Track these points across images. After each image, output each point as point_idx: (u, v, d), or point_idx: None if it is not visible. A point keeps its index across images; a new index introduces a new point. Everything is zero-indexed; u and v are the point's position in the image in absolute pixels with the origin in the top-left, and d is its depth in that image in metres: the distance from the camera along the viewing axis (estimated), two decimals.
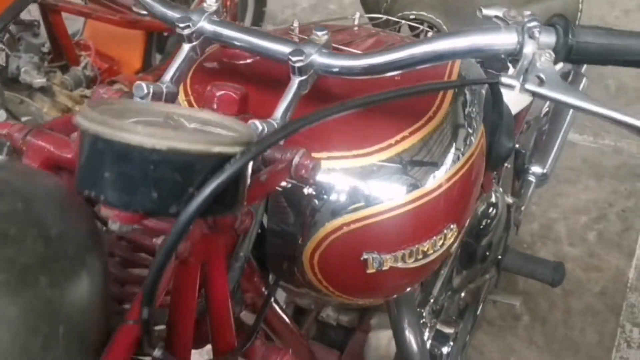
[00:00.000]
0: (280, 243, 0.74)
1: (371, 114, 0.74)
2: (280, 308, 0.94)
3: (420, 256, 0.76)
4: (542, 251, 2.02)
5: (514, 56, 0.64)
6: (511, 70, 0.64)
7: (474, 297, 1.52)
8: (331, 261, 0.73)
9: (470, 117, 0.84)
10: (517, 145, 1.83)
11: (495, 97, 0.93)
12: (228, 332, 0.63)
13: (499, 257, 1.55)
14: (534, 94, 0.63)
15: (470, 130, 0.83)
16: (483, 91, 0.95)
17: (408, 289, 0.89)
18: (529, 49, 0.63)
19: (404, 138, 0.73)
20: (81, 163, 0.48)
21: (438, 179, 0.75)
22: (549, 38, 0.64)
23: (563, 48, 0.64)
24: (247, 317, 0.80)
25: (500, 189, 1.60)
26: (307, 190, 0.70)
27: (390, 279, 0.77)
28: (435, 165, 0.76)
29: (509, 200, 1.64)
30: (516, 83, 0.62)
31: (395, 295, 0.93)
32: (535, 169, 1.86)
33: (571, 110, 2.01)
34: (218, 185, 0.46)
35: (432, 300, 1.34)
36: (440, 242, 0.77)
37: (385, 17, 1.17)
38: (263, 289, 0.80)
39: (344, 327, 1.28)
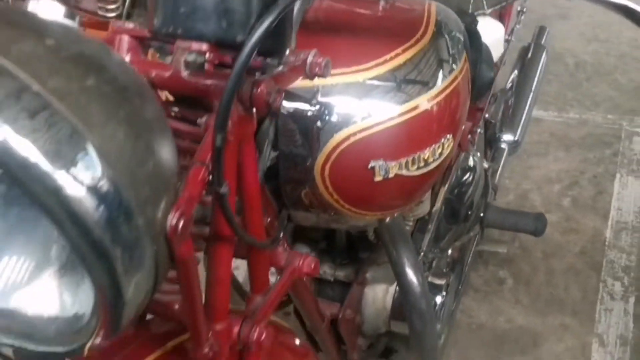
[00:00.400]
0: (292, 164, 0.79)
1: (365, 34, 0.78)
2: None
3: (422, 164, 0.80)
4: None
5: None
6: None
7: (461, 254, 1.55)
8: (341, 172, 0.77)
9: (454, 42, 0.88)
10: (486, 115, 1.89)
11: (473, 36, 0.97)
12: (257, 217, 0.65)
13: (481, 214, 1.59)
14: None
15: (455, 52, 0.87)
16: (463, 27, 0.99)
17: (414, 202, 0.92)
18: None
19: (397, 55, 0.78)
20: (157, 7, 0.56)
21: (431, 92, 0.79)
22: None
23: None
24: None
25: (478, 153, 1.65)
26: (313, 106, 0.73)
27: (396, 188, 0.81)
28: (427, 80, 0.79)
29: (485, 165, 1.69)
30: None
31: (405, 206, 0.95)
32: (507, 137, 1.92)
33: (536, 79, 2.08)
34: (275, 18, 0.52)
35: (422, 255, 1.37)
36: (439, 150, 0.81)
37: None
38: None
39: (341, 282, 1.30)
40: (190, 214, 0.50)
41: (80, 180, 0.41)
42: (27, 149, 0.39)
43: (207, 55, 0.58)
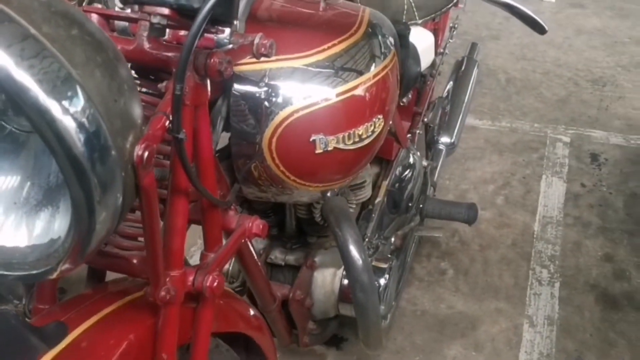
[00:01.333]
0: (243, 139, 0.90)
1: (306, 27, 0.91)
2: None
3: (357, 139, 0.93)
4: None
5: None
6: None
7: (404, 242, 1.69)
8: (286, 145, 0.89)
9: (384, 39, 1.03)
10: (425, 120, 2.06)
11: (403, 38, 1.13)
12: (211, 179, 0.75)
13: (421, 205, 1.74)
14: None
15: (385, 48, 1.02)
16: (393, 29, 1.14)
17: (352, 176, 1.05)
18: None
19: (334, 45, 0.92)
20: None
21: (363, 78, 0.93)
22: None
23: None
24: None
25: (417, 153, 1.82)
26: (261, 87, 0.86)
27: (335, 161, 0.93)
28: (360, 68, 0.94)
29: (425, 162, 1.86)
30: None
31: (344, 179, 1.07)
32: (444, 139, 2.10)
33: (469, 89, 2.27)
34: None
35: (366, 240, 1.51)
36: (371, 128, 0.95)
37: None
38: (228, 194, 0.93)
39: (292, 266, 1.42)
40: (153, 148, 0.59)
41: (66, 107, 0.51)
42: (27, 81, 0.50)
43: (168, 19, 0.68)
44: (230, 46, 0.72)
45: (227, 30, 0.72)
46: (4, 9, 0.51)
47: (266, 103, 0.87)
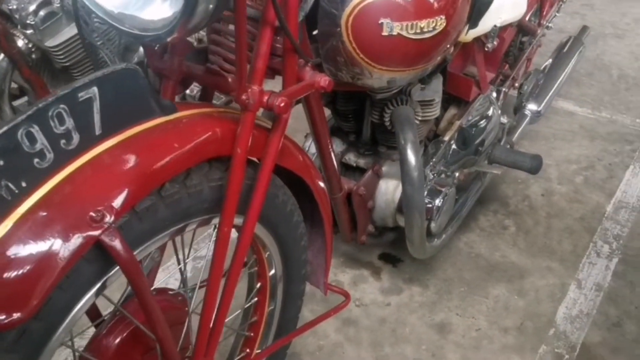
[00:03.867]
0: (328, 18, 1.10)
1: None
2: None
3: (419, 31, 1.11)
4: (533, 186, 2.33)
5: None
6: None
7: (466, 180, 1.84)
8: (360, 25, 1.09)
9: None
10: (517, 85, 2.18)
11: None
12: (294, 27, 0.96)
13: (490, 151, 1.88)
14: None
15: None
16: None
17: (415, 68, 1.22)
18: None
19: None
20: None
21: None
22: None
23: None
24: None
25: (499, 109, 1.95)
26: None
27: (398, 46, 1.12)
28: None
29: (504, 119, 1.99)
30: None
31: (407, 69, 1.23)
32: (532, 106, 2.20)
33: (569, 67, 2.35)
34: None
35: (431, 163, 1.68)
36: (433, 25, 1.12)
37: None
38: None
39: (362, 169, 1.62)
40: None
41: None
42: None
43: None
44: None
45: None
46: None
47: None
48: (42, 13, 1.56)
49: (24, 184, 0.73)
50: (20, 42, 1.63)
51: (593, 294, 1.90)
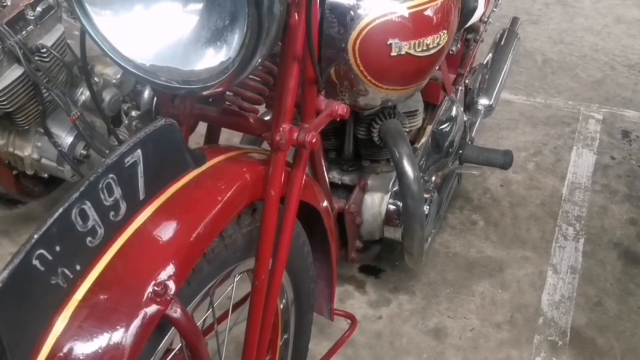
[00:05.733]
0: (331, 43, 1.07)
1: None
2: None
3: (425, 48, 1.09)
4: (491, 178, 2.38)
5: None
6: None
7: (442, 182, 1.85)
8: (367, 47, 1.07)
9: None
10: (466, 82, 2.22)
11: None
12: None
13: (460, 151, 1.90)
14: None
15: None
16: None
17: (415, 85, 1.21)
18: None
19: None
20: None
21: None
22: None
23: None
24: None
25: (461, 107, 1.98)
26: (349, 0, 1.03)
27: (406, 64, 1.10)
28: None
29: (465, 118, 2.02)
30: None
31: (409, 87, 1.23)
32: (483, 101, 2.25)
33: (509, 58, 2.42)
34: None
35: None
36: (437, 40, 1.11)
37: None
38: None
39: (347, 186, 1.59)
40: None
41: None
42: None
43: None
44: None
45: None
46: None
47: (352, 11, 1.05)
48: None
49: (78, 267, 0.65)
50: None
51: (570, 277, 1.96)
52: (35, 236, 0.60)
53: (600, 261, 2.02)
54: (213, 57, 0.77)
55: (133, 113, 1.77)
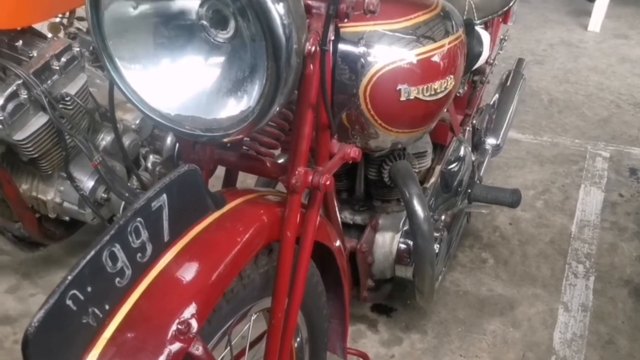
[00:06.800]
0: (342, 89, 1.12)
1: (395, 1, 1.14)
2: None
3: (433, 92, 1.14)
4: (500, 216, 2.41)
5: None
6: None
7: (452, 221, 1.88)
8: (378, 93, 1.12)
9: (455, 19, 1.26)
10: (474, 122, 2.27)
11: (469, 26, 1.35)
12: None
13: (469, 190, 1.93)
14: None
15: (454, 26, 1.24)
16: (460, 16, 1.37)
17: (424, 128, 1.26)
18: None
19: (417, 16, 1.14)
20: None
21: (438, 43, 1.15)
22: None
23: None
24: None
25: (469, 147, 2.02)
26: (360, 46, 1.08)
27: (414, 109, 1.14)
28: (436, 37, 1.16)
29: (473, 157, 2.06)
30: None
31: (418, 130, 1.28)
32: (490, 140, 2.29)
33: (515, 99, 2.47)
34: None
35: None
36: (445, 85, 1.16)
37: None
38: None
39: (358, 225, 1.62)
40: (317, 44, 0.82)
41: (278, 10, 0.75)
42: None
43: None
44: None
45: None
46: None
47: (363, 59, 1.10)
48: (10, 106, 1.46)
49: (107, 307, 0.69)
50: None
51: (581, 314, 1.97)
52: (69, 277, 0.64)
53: (611, 299, 2.03)
54: (234, 107, 0.83)
55: (151, 157, 1.83)
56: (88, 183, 1.70)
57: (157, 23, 0.83)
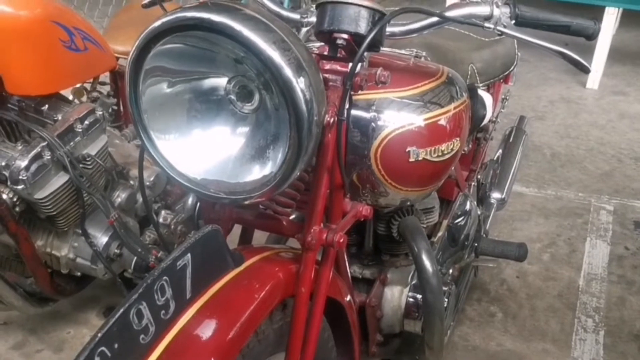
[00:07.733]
0: (355, 151, 1.17)
1: (402, 71, 1.20)
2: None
3: (440, 154, 1.19)
4: (507, 269, 2.43)
5: (488, 18, 1.11)
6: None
7: (460, 274, 1.90)
8: (388, 154, 1.17)
9: (459, 85, 1.32)
10: (479, 177, 2.32)
11: (472, 90, 1.41)
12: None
13: (476, 244, 1.96)
14: (502, 33, 1.10)
15: (459, 92, 1.30)
16: (464, 82, 1.43)
17: (432, 187, 1.30)
18: (496, 12, 1.11)
19: (424, 84, 1.20)
20: (323, 17, 0.99)
21: (445, 107, 1.20)
22: (506, 8, 1.12)
23: (513, 13, 1.12)
24: None
25: (474, 201, 2.06)
26: (371, 112, 1.14)
27: (423, 169, 1.19)
28: (441, 102, 1.22)
29: (478, 211, 2.10)
30: (492, 26, 1.09)
31: (426, 188, 1.33)
32: (495, 195, 2.33)
33: (518, 154, 2.53)
34: (382, 24, 0.93)
35: None
36: (451, 147, 1.21)
37: None
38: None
39: (367, 280, 1.65)
40: (335, 116, 0.88)
41: (300, 83, 0.81)
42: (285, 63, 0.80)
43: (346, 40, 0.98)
44: (364, 71, 1.00)
45: (365, 64, 1.01)
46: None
47: (374, 123, 1.16)
48: (33, 167, 1.52)
49: None
50: (4, 196, 1.58)
51: None
52: (99, 334, 0.67)
53: (622, 354, 2.03)
54: (257, 172, 0.88)
55: (163, 212, 1.87)
56: (102, 239, 1.74)
57: (190, 99, 0.90)
